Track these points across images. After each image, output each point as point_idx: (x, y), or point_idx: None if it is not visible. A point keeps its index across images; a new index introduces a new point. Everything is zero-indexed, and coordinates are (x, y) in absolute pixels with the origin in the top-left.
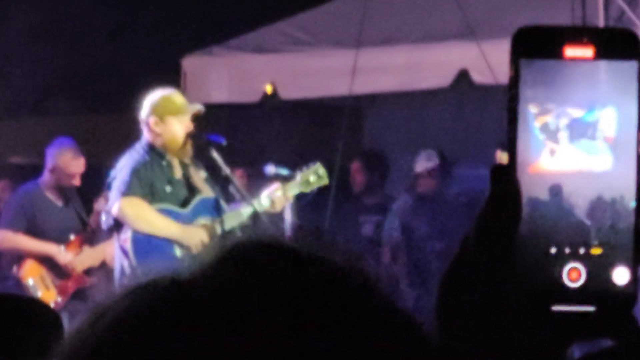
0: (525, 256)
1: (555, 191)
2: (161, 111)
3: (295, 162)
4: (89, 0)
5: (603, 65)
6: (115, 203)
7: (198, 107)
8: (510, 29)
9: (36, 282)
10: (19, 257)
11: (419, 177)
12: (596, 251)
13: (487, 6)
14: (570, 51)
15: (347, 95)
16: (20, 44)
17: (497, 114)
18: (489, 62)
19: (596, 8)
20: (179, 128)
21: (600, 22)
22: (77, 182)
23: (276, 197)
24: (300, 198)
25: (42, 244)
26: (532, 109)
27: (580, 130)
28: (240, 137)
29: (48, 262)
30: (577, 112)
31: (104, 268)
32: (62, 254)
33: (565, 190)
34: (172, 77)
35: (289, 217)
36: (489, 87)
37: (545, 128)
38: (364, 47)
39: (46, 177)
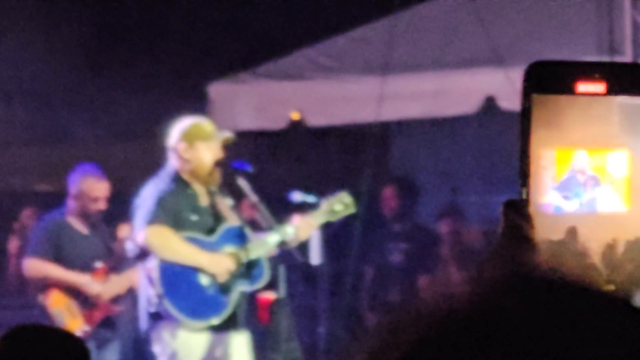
0: (540, 295)
1: (568, 231)
2: (191, 137)
3: (322, 189)
4: (109, 25)
5: (616, 101)
6: (141, 232)
7: (227, 135)
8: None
9: (62, 310)
10: (45, 285)
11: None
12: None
13: (514, 33)
14: (582, 86)
15: (373, 122)
16: (47, 69)
17: None
18: (516, 88)
19: (623, 34)
20: (207, 155)
21: (628, 49)
22: (102, 205)
23: (302, 226)
24: (327, 226)
25: (69, 273)
26: (545, 144)
27: (593, 168)
28: (266, 163)
29: (74, 290)
30: (590, 150)
31: (131, 295)
32: (89, 283)
33: (579, 230)
34: (199, 103)
35: (315, 246)
36: (516, 114)
37: (558, 165)
38: (391, 74)
39: (70, 204)
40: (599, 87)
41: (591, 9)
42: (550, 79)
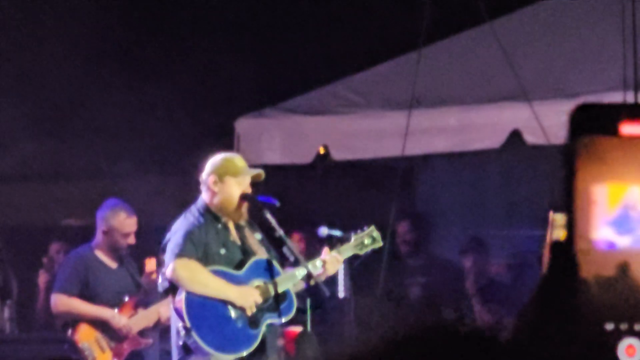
0: (580, 331)
1: (620, 267)
2: (221, 171)
3: (348, 223)
4: (142, 61)
5: None
6: (170, 265)
7: (258, 171)
8: (562, 91)
9: (91, 344)
10: (74, 320)
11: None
12: None
13: (539, 67)
14: (627, 128)
15: (399, 156)
16: (74, 103)
17: (549, 174)
18: (541, 122)
19: None
20: (236, 189)
21: None
22: (132, 240)
23: (330, 259)
24: (353, 260)
25: (96, 308)
26: (596, 180)
27: None
28: (293, 198)
29: (102, 324)
30: (636, 189)
31: (159, 329)
32: (116, 317)
33: (627, 267)
34: (226, 139)
35: (342, 279)
36: (541, 148)
37: (610, 200)
38: (416, 109)
39: (99, 239)
40: None
41: (617, 44)
42: (595, 120)
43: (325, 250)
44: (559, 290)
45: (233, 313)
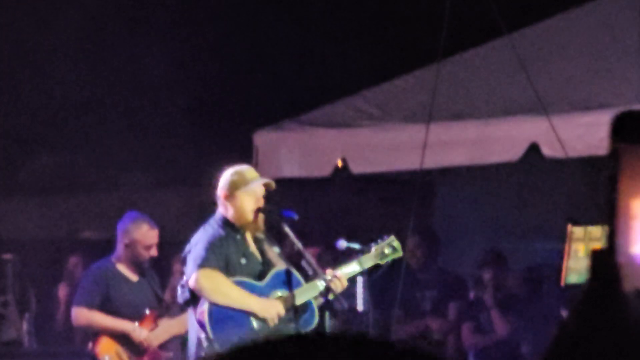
0: (624, 345)
1: None
2: (232, 186)
3: (366, 236)
4: (161, 76)
5: None
6: (192, 275)
7: (267, 181)
8: (580, 104)
9: (112, 357)
10: (94, 333)
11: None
12: None
13: (557, 80)
14: None
15: (417, 169)
16: (95, 120)
17: (567, 187)
18: (559, 135)
19: None
20: (248, 202)
21: None
22: (154, 252)
23: (349, 271)
24: (373, 272)
25: (117, 321)
26: (634, 194)
27: None
28: (311, 211)
29: (123, 337)
30: None
31: (180, 342)
32: (136, 330)
33: None
34: (244, 151)
35: (360, 290)
36: (559, 161)
37: None
38: (435, 122)
39: (120, 251)
40: None
41: (635, 56)
42: (637, 129)
43: (328, 271)
44: (602, 304)
45: (255, 324)
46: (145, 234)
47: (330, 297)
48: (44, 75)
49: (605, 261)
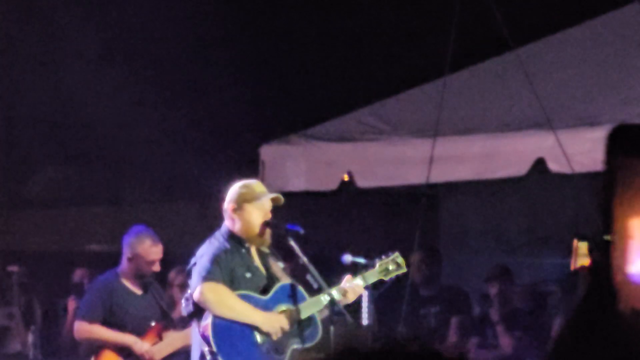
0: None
1: None
2: (240, 199)
3: (372, 250)
4: (165, 89)
5: None
6: (197, 288)
7: (276, 195)
8: (586, 118)
9: None
10: (97, 346)
11: None
12: None
13: (564, 96)
14: None
15: (423, 183)
16: (102, 133)
17: (573, 203)
18: (565, 151)
19: None
20: (256, 216)
21: None
22: (157, 268)
23: (350, 289)
24: (376, 287)
25: (119, 334)
26: (630, 214)
27: None
28: (317, 225)
29: (125, 351)
30: None
31: (183, 355)
32: (138, 344)
33: None
34: (251, 165)
35: (365, 306)
36: (566, 176)
37: None
38: (441, 136)
39: (125, 265)
40: None
41: None
42: (634, 142)
43: (348, 277)
44: (596, 320)
45: (259, 338)
46: (147, 249)
47: (336, 310)
48: (50, 89)
49: (601, 279)
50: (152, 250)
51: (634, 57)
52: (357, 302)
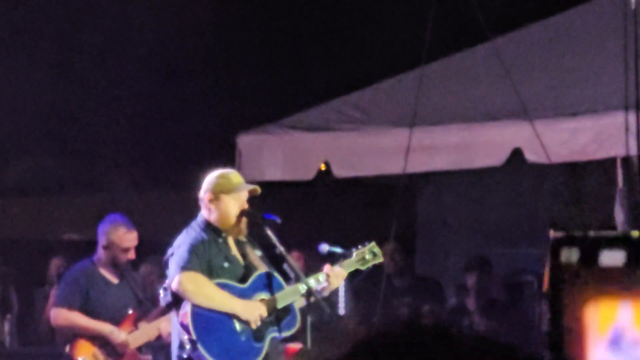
0: None
1: None
2: (217, 189)
3: (349, 240)
4: (143, 78)
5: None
6: (175, 278)
7: (253, 187)
8: (563, 109)
9: (89, 359)
10: (73, 335)
11: None
12: None
13: (541, 86)
14: (605, 258)
15: (400, 173)
16: (78, 122)
17: (550, 192)
18: (543, 141)
19: None
20: (232, 206)
21: None
22: (132, 255)
23: (333, 273)
24: (354, 277)
25: (96, 323)
26: (586, 300)
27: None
28: (294, 214)
29: (101, 339)
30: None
31: (158, 344)
32: (115, 332)
33: None
34: (227, 154)
35: (343, 295)
36: (543, 166)
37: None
38: (418, 126)
39: (100, 254)
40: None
41: (618, 63)
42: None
43: (327, 266)
44: None
45: (238, 326)
46: (122, 237)
47: (312, 300)
48: (23, 79)
49: None
50: (126, 237)
51: (612, 47)
52: (334, 293)
